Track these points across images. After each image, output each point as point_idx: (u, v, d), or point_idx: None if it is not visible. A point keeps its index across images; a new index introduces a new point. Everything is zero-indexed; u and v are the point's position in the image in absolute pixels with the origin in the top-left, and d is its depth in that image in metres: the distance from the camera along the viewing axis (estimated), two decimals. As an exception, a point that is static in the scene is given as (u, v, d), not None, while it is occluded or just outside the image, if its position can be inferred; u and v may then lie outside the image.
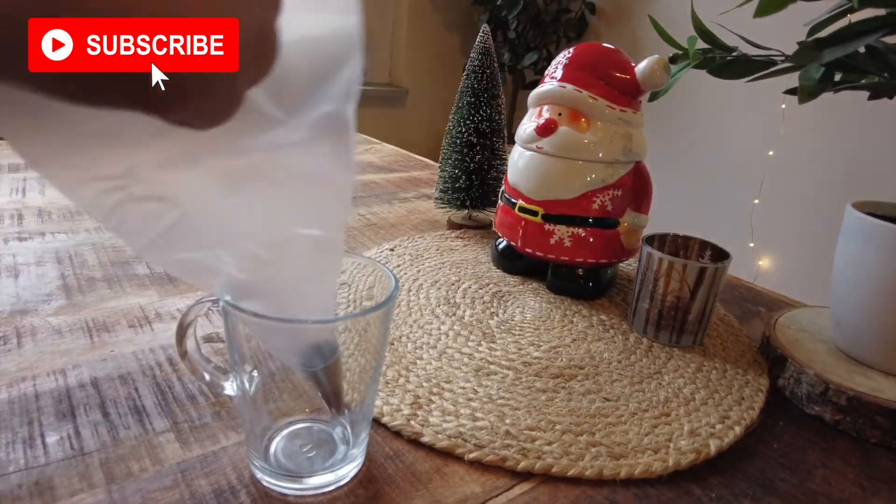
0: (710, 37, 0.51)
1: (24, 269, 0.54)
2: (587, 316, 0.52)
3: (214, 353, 0.42)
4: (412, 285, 0.56)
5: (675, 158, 2.08)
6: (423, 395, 0.39)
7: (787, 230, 1.80)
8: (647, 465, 0.34)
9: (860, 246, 0.42)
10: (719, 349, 0.48)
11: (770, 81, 0.50)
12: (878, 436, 0.39)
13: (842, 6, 0.43)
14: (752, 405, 0.41)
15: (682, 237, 0.51)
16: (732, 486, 0.34)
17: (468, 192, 0.71)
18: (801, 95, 0.44)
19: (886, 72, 0.43)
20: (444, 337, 0.47)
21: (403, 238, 0.69)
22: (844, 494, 0.34)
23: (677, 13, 0.96)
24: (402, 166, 1.11)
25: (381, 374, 0.40)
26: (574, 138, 0.53)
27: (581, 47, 0.56)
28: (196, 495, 0.30)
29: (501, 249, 0.61)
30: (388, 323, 0.31)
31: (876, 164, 1.60)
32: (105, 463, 0.31)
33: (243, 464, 0.32)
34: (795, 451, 0.38)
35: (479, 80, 0.67)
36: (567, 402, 0.39)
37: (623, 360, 0.45)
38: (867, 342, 0.43)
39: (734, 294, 0.62)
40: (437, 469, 0.33)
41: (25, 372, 0.39)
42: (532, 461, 0.33)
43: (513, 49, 2.38)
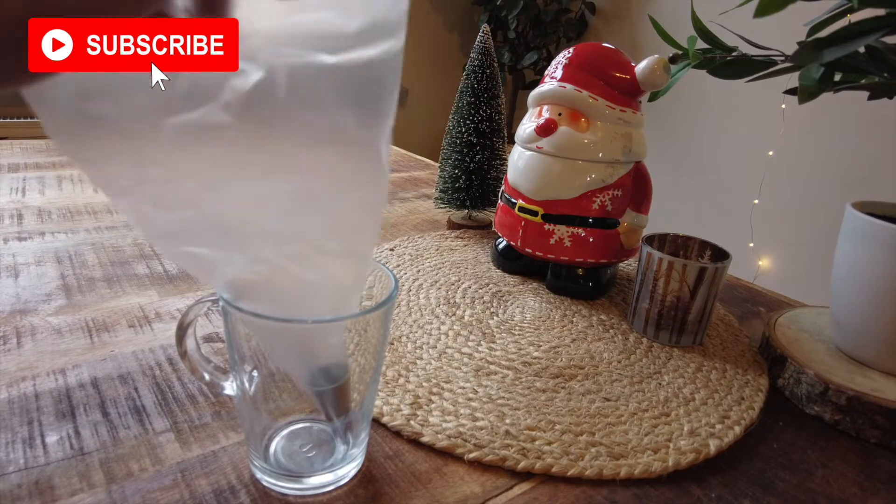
0: (709, 37, 0.51)
1: (23, 269, 0.54)
2: (587, 316, 0.52)
3: (214, 353, 0.42)
4: (412, 285, 0.56)
5: (674, 158, 2.08)
6: (422, 395, 0.39)
7: (786, 230, 1.80)
8: (646, 464, 0.34)
9: (860, 246, 0.42)
10: (719, 349, 0.48)
11: (770, 81, 0.50)
12: (877, 436, 0.39)
13: (842, 6, 0.43)
14: (751, 405, 0.41)
15: (682, 237, 0.51)
16: (732, 486, 0.34)
17: (468, 192, 0.71)
18: (801, 95, 0.44)
19: (886, 72, 0.43)
20: (443, 337, 0.47)
21: (403, 238, 0.69)
22: (844, 494, 0.34)
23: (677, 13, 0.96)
24: (402, 166, 1.11)
25: (380, 374, 0.40)
26: (574, 138, 0.53)
27: (581, 47, 0.56)
28: (196, 495, 0.30)
29: (501, 249, 0.61)
30: (388, 323, 0.31)
31: (876, 164, 1.60)
32: (105, 463, 0.31)
33: (243, 464, 0.32)
34: (795, 450, 0.38)
35: (479, 80, 0.67)
36: (567, 401, 0.39)
37: (623, 360, 0.45)
38: (867, 342, 0.43)
39: (734, 294, 0.63)
40: (437, 469, 0.33)
41: (25, 372, 0.39)
42: (532, 461, 0.33)
43: (513, 49, 2.38)
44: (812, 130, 1.70)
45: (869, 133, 1.60)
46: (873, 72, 0.44)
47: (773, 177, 1.77)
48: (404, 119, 2.46)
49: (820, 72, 0.44)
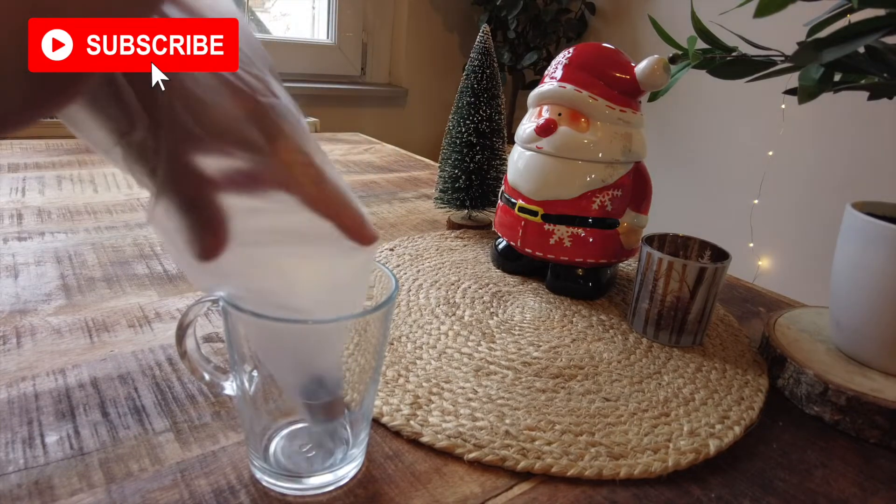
0: (709, 37, 0.51)
1: (23, 269, 0.54)
2: (587, 316, 0.52)
3: (214, 353, 0.42)
4: (412, 285, 0.56)
5: (674, 158, 2.08)
6: (422, 395, 0.39)
7: (786, 230, 1.80)
8: (646, 465, 0.34)
9: (860, 246, 0.42)
10: (719, 349, 0.48)
11: (770, 82, 0.50)
12: (877, 436, 0.39)
13: (841, 6, 0.43)
14: (751, 405, 0.41)
15: (682, 237, 0.51)
16: (732, 486, 0.34)
17: (468, 192, 0.71)
18: (801, 96, 0.44)
19: (886, 72, 0.43)
20: (443, 337, 0.47)
21: (403, 238, 0.69)
22: (844, 494, 0.34)
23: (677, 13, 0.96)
24: (401, 166, 1.11)
25: (380, 374, 0.40)
26: (574, 138, 0.53)
27: (581, 47, 0.56)
28: (195, 495, 0.30)
29: (501, 249, 0.61)
30: (388, 323, 0.31)
31: (876, 164, 1.60)
32: (104, 463, 0.31)
33: (243, 464, 0.32)
34: (795, 451, 0.38)
35: (479, 80, 0.67)
36: (567, 402, 0.39)
37: (623, 361, 0.45)
38: (866, 342, 0.43)
39: (734, 294, 0.62)
40: (437, 469, 0.33)
41: (25, 372, 0.39)
42: (531, 461, 0.33)
43: (513, 49, 2.38)
44: (812, 131, 1.70)
45: (869, 133, 1.60)
46: (873, 72, 0.44)
47: (773, 177, 1.77)
48: (404, 119, 2.46)
49: (820, 72, 0.44)
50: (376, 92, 2.34)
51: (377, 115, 2.36)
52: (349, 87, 2.23)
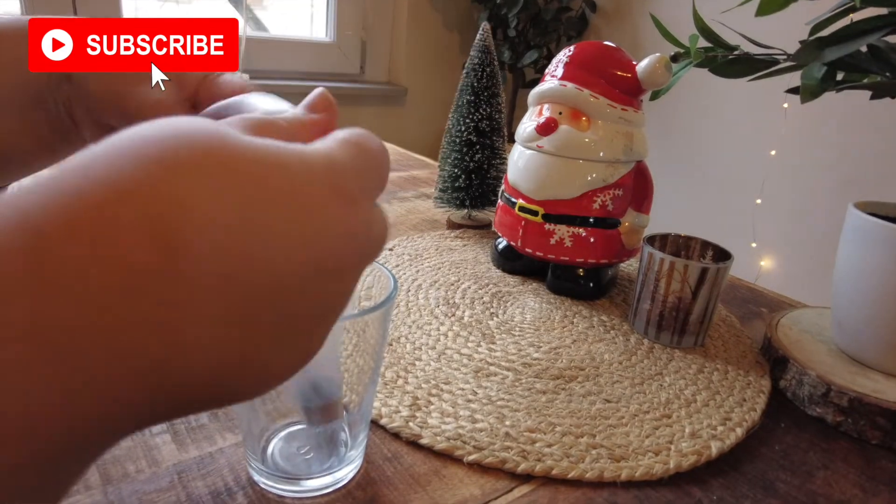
0: (711, 35, 0.51)
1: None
2: (588, 317, 0.52)
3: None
4: (411, 285, 0.56)
5: (676, 158, 2.07)
6: (421, 397, 0.39)
7: (789, 230, 1.79)
8: (647, 467, 0.34)
9: (862, 246, 0.42)
10: (721, 350, 0.48)
11: (772, 80, 0.50)
12: (879, 437, 0.39)
13: (844, 5, 0.43)
14: (753, 407, 0.40)
15: (684, 237, 0.51)
16: (733, 488, 0.33)
17: (468, 192, 0.70)
18: (804, 95, 0.44)
19: (888, 71, 0.43)
20: (443, 338, 0.46)
21: (402, 238, 0.69)
22: (845, 496, 0.34)
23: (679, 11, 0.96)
24: (401, 165, 1.11)
25: (379, 375, 0.39)
26: (575, 137, 0.53)
27: (582, 46, 0.56)
28: (193, 497, 0.29)
29: (501, 249, 0.61)
30: (387, 324, 0.31)
31: (878, 163, 1.59)
32: (101, 464, 0.31)
33: (240, 465, 0.32)
34: (797, 452, 0.37)
35: (479, 78, 0.67)
36: (567, 403, 0.39)
37: (624, 362, 0.45)
38: (869, 343, 0.43)
39: (736, 295, 0.62)
40: (436, 471, 0.33)
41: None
42: (532, 463, 0.33)
43: (513, 47, 2.38)
44: (814, 130, 1.69)
45: (871, 133, 1.59)
46: (875, 71, 0.44)
47: (775, 176, 1.77)
48: (403, 118, 2.45)
49: (822, 71, 0.43)
50: (375, 90, 2.34)
51: (376, 113, 2.36)
52: (348, 85, 2.22)
